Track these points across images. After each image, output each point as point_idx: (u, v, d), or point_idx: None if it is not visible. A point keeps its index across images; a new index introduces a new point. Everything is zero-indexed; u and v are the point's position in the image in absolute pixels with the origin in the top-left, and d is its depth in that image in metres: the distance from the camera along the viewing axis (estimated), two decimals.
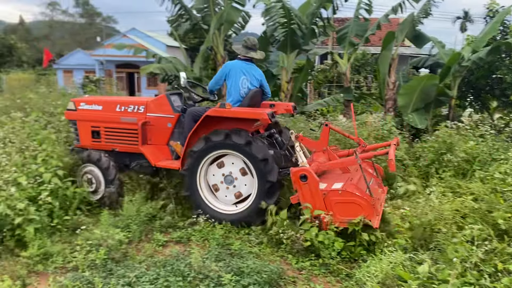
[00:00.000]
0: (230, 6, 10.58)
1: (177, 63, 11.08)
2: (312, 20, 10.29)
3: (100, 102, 6.24)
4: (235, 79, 5.51)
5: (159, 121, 5.84)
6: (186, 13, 11.08)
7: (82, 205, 5.43)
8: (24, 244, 4.36)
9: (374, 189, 4.98)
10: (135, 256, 4.35)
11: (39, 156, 5.42)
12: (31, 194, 4.91)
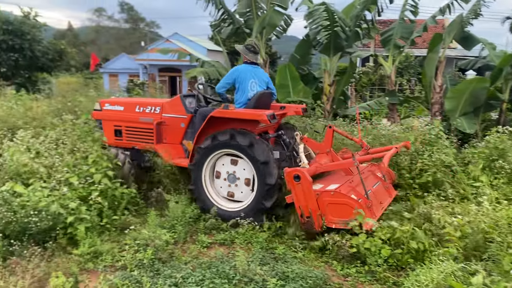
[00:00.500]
0: (272, 10, 10.60)
1: (219, 67, 11.20)
2: (356, 22, 10.14)
3: (122, 103, 6.68)
4: (244, 82, 5.73)
5: (173, 121, 6.15)
6: (229, 18, 11.20)
7: (130, 205, 5.57)
8: (76, 242, 4.51)
9: (378, 193, 5.09)
10: (180, 256, 4.42)
11: (90, 158, 5.61)
12: (82, 194, 5.09)
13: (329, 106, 10.62)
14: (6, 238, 4.32)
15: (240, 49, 6.04)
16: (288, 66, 10.70)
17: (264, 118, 5.10)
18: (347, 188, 4.84)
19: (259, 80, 5.86)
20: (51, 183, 5.18)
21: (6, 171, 5.50)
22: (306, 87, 10.65)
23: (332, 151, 5.79)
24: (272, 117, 5.19)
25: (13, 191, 4.71)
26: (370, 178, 5.42)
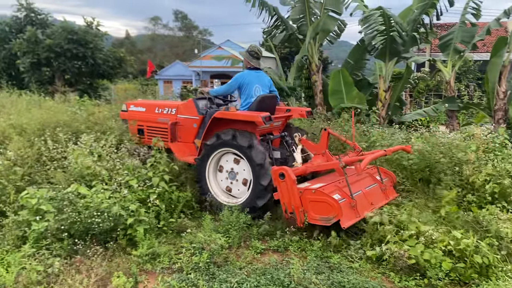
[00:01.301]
0: (326, 15, 10.54)
1: (271, 73, 11.24)
2: (413, 26, 9.85)
3: (144, 105, 7.23)
4: (249, 87, 6.09)
5: (187, 122, 6.58)
6: (282, 24, 11.24)
7: (185, 208, 5.68)
8: (135, 244, 4.65)
9: (372, 194, 5.31)
10: (235, 261, 4.44)
11: (148, 161, 5.79)
12: (141, 196, 5.26)
13: (384, 113, 10.36)
14: (71, 237, 4.53)
15: (244, 55, 6.39)
16: (342, 72, 10.56)
17: (259, 120, 5.43)
18: (331, 187, 5.04)
19: (262, 85, 6.22)
20: (112, 185, 5.39)
21: (71, 173, 5.79)
22: (360, 93, 10.47)
23: (328, 152, 5.92)
24: (268, 119, 5.49)
25: (77, 192, 4.94)
26: (367, 179, 5.63)
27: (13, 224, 4.56)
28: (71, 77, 19.75)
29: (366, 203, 5.12)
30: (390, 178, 5.95)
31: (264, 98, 6.08)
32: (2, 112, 8.55)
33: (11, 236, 4.44)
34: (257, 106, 5.95)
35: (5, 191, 5.40)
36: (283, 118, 6.37)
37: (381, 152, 5.68)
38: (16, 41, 18.99)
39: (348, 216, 4.79)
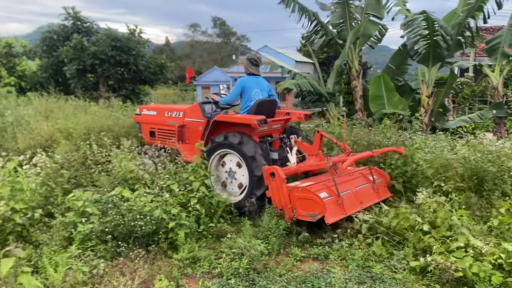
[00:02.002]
0: (367, 20, 10.39)
1: (309, 78, 11.17)
2: (458, 30, 9.53)
3: (156, 109, 7.69)
4: (249, 91, 6.52)
5: (193, 125, 6.97)
6: (322, 29, 11.17)
7: (224, 213, 5.71)
8: (176, 247, 4.71)
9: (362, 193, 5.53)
10: (275, 268, 4.40)
11: (189, 166, 5.87)
12: (182, 200, 5.33)
13: (427, 119, 10.06)
14: (114, 240, 4.64)
15: (244, 62, 6.80)
16: (383, 77, 10.36)
17: (254, 122, 5.85)
18: (319, 186, 5.29)
19: (261, 89, 6.65)
20: (154, 189, 5.49)
21: (115, 176, 5.95)
22: (402, 99, 10.22)
23: (320, 153, 6.19)
24: (263, 122, 5.92)
25: (121, 195, 5.06)
26: (359, 179, 5.88)
27: (60, 225, 4.72)
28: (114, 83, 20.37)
29: (355, 201, 5.38)
30: (384, 178, 6.17)
31: (263, 102, 6.44)
32: (50, 116, 8.91)
33: (59, 237, 4.59)
34: (256, 110, 6.31)
35: (53, 193, 5.62)
36: (282, 121, 6.71)
37: (367, 153, 6.13)
38: (63, 48, 19.79)
39: (334, 212, 5.01)
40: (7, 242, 4.56)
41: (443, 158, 6.31)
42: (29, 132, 7.66)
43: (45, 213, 5.23)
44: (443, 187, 5.55)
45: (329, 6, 11.45)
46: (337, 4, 11.02)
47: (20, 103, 12.21)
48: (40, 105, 10.25)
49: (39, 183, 5.37)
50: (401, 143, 6.97)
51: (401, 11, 10.30)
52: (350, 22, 10.89)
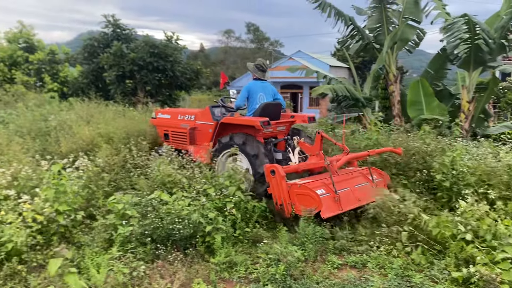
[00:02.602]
0: (405, 24, 10.21)
1: (345, 83, 11.06)
2: (501, 33, 9.21)
3: (170, 113, 8.15)
4: (254, 95, 6.91)
5: (203, 127, 7.32)
6: (358, 33, 11.05)
7: (260, 218, 5.71)
8: (212, 251, 4.75)
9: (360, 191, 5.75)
10: (311, 275, 4.37)
11: (225, 171, 5.91)
12: (218, 205, 5.38)
13: (467, 125, 9.76)
14: (153, 242, 4.73)
15: (250, 67, 7.16)
16: (421, 82, 10.13)
17: (258, 124, 6.20)
18: (317, 183, 5.56)
19: (266, 93, 7.02)
20: (191, 193, 5.57)
21: (153, 180, 6.07)
22: (441, 104, 9.95)
23: (321, 153, 6.42)
24: (266, 124, 6.26)
25: (160, 199, 5.16)
26: (358, 178, 6.12)
27: (102, 227, 4.84)
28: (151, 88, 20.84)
29: (352, 198, 5.62)
30: (384, 178, 6.38)
31: (267, 105, 6.80)
32: (91, 121, 9.19)
33: (100, 239, 4.71)
34: (261, 112, 6.67)
35: (94, 196, 5.79)
36: (287, 123, 7.13)
37: (364, 153, 6.41)
38: (103, 55, 20.43)
39: (330, 208, 5.26)
40: (51, 242, 4.72)
41: (487, 165, 6.09)
42: (71, 136, 7.93)
43: (87, 215, 5.39)
44: (488, 195, 5.34)
45: (365, 10, 11.32)
46: (374, 9, 10.89)
47: (63, 108, 12.66)
48: (82, 110, 10.59)
49: (81, 185, 5.54)
50: (441, 149, 6.78)
51: (440, 15, 10.06)
52: (387, 27, 10.72)
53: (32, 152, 6.84)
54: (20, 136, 7.60)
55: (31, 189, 5.41)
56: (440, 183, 6.09)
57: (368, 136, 7.26)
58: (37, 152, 6.91)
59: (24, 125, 8.79)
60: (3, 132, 7.89)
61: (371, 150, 6.55)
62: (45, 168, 5.76)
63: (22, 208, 4.78)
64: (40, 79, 22.36)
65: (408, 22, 10.46)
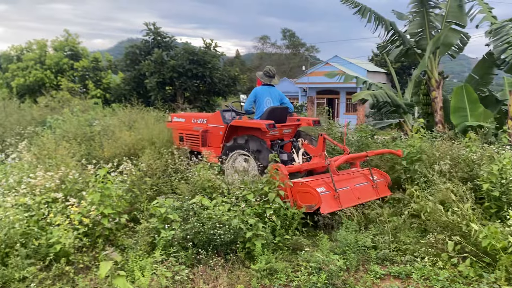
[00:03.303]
0: (449, 28, 9.93)
1: (386, 88, 10.86)
2: None
3: (184, 116, 8.68)
4: (261, 99, 7.35)
5: (215, 130, 7.72)
6: (399, 38, 10.84)
7: (300, 226, 5.66)
8: (252, 257, 4.75)
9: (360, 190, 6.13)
10: (354, 285, 4.28)
11: (264, 177, 5.91)
12: (257, 211, 5.38)
13: None
14: (194, 247, 4.78)
15: (258, 74, 7.66)
16: (465, 87, 9.80)
17: (263, 126, 6.66)
18: (319, 182, 5.89)
19: (273, 98, 7.46)
20: (231, 198, 5.60)
21: (194, 184, 6.15)
22: (487, 110, 9.59)
23: (324, 154, 6.78)
24: (271, 126, 6.71)
25: (201, 203, 5.21)
26: (359, 178, 6.48)
27: (145, 230, 4.94)
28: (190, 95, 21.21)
29: (352, 196, 5.96)
30: (385, 179, 6.71)
31: (274, 109, 7.24)
32: (133, 127, 9.44)
33: (143, 242, 4.81)
34: (267, 116, 7.11)
35: (137, 199, 5.93)
36: (293, 126, 7.54)
37: (362, 154, 6.84)
38: (145, 62, 20.98)
39: (329, 205, 5.60)
40: (96, 244, 4.87)
41: None
42: (114, 141, 8.16)
43: (130, 218, 5.52)
44: None
45: (406, 15, 11.10)
46: (416, 13, 10.64)
47: (106, 114, 13.07)
48: (124, 116, 10.89)
49: (125, 189, 5.69)
50: (488, 158, 6.51)
51: (486, 18, 9.72)
52: (430, 31, 10.46)
53: (78, 156, 7.08)
54: (67, 141, 7.89)
55: (77, 192, 5.60)
56: (488, 192, 5.85)
57: (410, 143, 7.06)
58: (83, 157, 7.15)
59: (70, 130, 9.12)
60: (50, 137, 8.21)
61: (370, 152, 7.00)
62: (91, 172, 5.96)
63: (70, 211, 4.95)
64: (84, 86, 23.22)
65: (452, 26, 10.16)
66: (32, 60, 23.44)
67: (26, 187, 5.42)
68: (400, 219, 5.62)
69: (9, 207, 4.78)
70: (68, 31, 25.31)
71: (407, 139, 8.16)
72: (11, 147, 8.10)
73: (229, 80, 22.19)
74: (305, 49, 71.92)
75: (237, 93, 31.59)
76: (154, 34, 22.55)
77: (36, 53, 23.99)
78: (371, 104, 10.81)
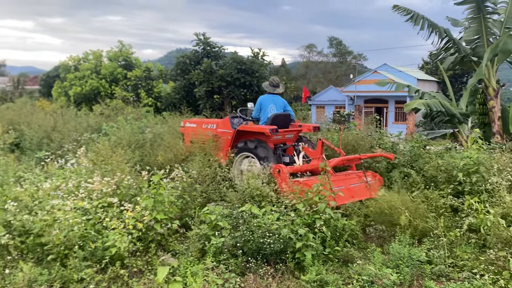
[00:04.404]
0: (508, 35, 9.49)
1: (439, 97, 10.49)
2: None
3: (196, 122, 9.31)
4: (266, 107, 8.03)
5: (224, 134, 8.27)
6: (454, 46, 10.46)
7: (350, 238, 5.55)
8: (302, 268, 4.70)
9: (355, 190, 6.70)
10: None
11: (314, 186, 5.85)
12: (307, 221, 5.32)
13: None
14: (244, 255, 4.80)
15: (264, 85, 8.44)
16: None
17: (267, 131, 7.24)
18: (315, 181, 6.14)
19: (277, 105, 8.13)
20: (280, 207, 5.58)
21: (243, 192, 6.18)
22: None
23: (322, 157, 7.57)
24: (274, 131, 7.27)
25: (250, 212, 5.23)
26: (354, 179, 7.10)
27: (196, 237, 5.01)
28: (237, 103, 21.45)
29: (347, 195, 6.38)
30: (379, 180, 7.26)
31: (277, 115, 7.88)
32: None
33: (194, 248, 4.88)
34: (271, 122, 7.72)
35: (187, 206, 6.03)
36: (295, 132, 8.09)
37: (355, 156, 7.47)
38: (194, 72, 21.46)
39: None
40: (149, 249, 4.99)
41: None
42: (165, 148, 8.37)
43: (181, 224, 5.63)
44: None
45: (462, 22, 10.70)
46: (472, 20, 10.23)
47: (157, 122, 13.46)
48: (174, 124, 11.17)
49: (176, 196, 5.82)
50: None
51: None
52: (487, 38, 10.02)
53: (132, 163, 7.32)
54: (122, 148, 8.17)
55: (131, 198, 5.79)
56: None
57: (467, 155, 6.76)
58: (137, 163, 7.38)
59: (123, 137, 9.46)
60: (106, 143, 8.55)
61: (363, 154, 7.61)
62: (145, 178, 6.14)
63: (125, 215, 5.12)
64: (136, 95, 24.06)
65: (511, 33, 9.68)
66: (88, 70, 24.62)
67: (84, 191, 5.66)
68: (457, 232, 5.37)
69: (68, 210, 5.00)
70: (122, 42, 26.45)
71: (463, 150, 7.83)
72: (69, 153, 8.50)
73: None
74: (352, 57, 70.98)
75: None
76: (204, 44, 23.04)
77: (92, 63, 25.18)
78: (424, 114, 10.44)
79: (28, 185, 6.08)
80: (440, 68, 11.59)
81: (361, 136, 8.85)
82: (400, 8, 10.58)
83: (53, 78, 39.22)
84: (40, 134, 11.33)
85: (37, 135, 11.28)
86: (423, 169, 7.38)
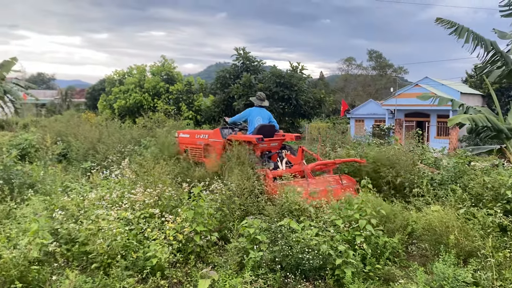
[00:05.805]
0: None
1: (485, 112, 10.12)
2: None
3: (188, 133, 10.05)
4: (253, 119, 8.85)
5: (215, 144, 8.87)
6: (501, 59, 10.09)
7: (391, 256, 5.41)
8: (342, 285, 4.62)
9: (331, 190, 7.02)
10: None
11: (355, 203, 5.76)
12: (346, 237, 5.23)
13: None
14: (282, 270, 4.77)
15: (253, 99, 9.23)
16: None
17: (254, 140, 8.03)
18: (298, 184, 7.14)
19: (263, 117, 8.96)
20: (319, 223, 5.53)
21: (281, 206, 6.17)
22: None
23: (302, 162, 8.42)
24: (260, 140, 8.09)
25: (289, 226, 5.21)
26: (332, 182, 7.79)
27: (234, 250, 5.04)
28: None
29: (324, 195, 6.77)
30: (352, 183, 7.89)
31: (263, 126, 8.71)
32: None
33: (233, 261, 4.90)
34: (257, 131, 8.52)
35: (226, 218, 6.08)
36: (279, 141, 8.96)
37: (331, 161, 8.42)
38: (234, 85, 21.69)
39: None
40: (188, 261, 5.06)
41: None
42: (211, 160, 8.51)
43: (220, 237, 5.68)
44: None
45: (509, 34, 10.32)
46: None
47: None
48: None
49: (215, 208, 5.88)
50: None
51: None
52: None
53: (173, 175, 7.48)
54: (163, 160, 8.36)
55: (172, 209, 5.90)
56: None
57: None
58: (179, 175, 7.53)
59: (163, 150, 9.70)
60: (148, 156, 8.79)
61: (337, 159, 8.46)
62: (185, 190, 6.25)
63: (165, 226, 5.22)
64: (177, 108, 24.57)
65: None
66: (132, 83, 25.40)
67: (127, 202, 5.83)
68: (506, 253, 5.12)
69: (112, 220, 5.16)
70: (164, 57, 27.14)
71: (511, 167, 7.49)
72: (114, 164, 8.78)
73: (315, 102, 22.14)
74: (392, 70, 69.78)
75: (320, 114, 31.39)
76: (243, 59, 23.29)
77: (136, 78, 25.97)
78: (469, 129, 10.08)
79: (74, 194, 6.34)
80: (486, 81, 11.20)
81: (402, 151, 8.64)
82: (444, 21, 10.34)
83: (99, 91, 40.76)
84: (86, 145, 11.79)
85: (83, 146, 11.75)
86: (468, 186, 7.10)
